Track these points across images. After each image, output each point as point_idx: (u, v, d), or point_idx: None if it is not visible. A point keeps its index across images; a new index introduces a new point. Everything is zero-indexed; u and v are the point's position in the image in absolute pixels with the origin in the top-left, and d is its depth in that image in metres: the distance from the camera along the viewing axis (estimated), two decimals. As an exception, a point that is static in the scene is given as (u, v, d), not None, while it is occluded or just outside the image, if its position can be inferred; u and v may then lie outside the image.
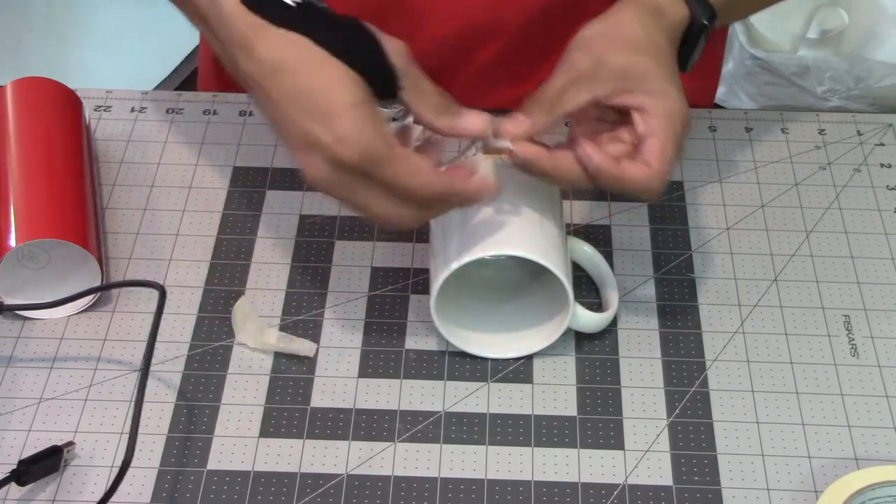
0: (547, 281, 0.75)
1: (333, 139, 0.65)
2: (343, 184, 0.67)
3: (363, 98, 0.66)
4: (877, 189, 0.90)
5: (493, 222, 0.74)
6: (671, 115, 0.71)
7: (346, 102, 0.65)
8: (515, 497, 0.71)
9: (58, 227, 0.79)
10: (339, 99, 0.65)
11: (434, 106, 0.69)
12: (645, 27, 0.73)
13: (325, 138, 0.65)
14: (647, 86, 0.71)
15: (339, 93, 0.65)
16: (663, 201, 0.89)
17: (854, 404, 0.76)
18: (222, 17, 0.68)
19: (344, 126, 0.64)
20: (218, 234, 0.86)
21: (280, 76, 0.66)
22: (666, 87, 0.72)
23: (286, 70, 0.66)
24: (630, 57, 0.72)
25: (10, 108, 0.87)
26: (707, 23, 0.76)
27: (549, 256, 0.74)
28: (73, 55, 1.92)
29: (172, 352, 0.78)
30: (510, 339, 0.78)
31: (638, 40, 0.73)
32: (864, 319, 0.81)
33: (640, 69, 0.72)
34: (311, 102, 0.65)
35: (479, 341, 0.78)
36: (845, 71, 1.79)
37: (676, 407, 0.76)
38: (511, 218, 0.74)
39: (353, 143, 0.64)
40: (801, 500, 0.71)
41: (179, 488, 0.71)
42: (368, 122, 0.65)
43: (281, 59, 0.66)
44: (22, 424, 0.74)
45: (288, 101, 0.66)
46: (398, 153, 0.66)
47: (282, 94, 0.66)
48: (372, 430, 0.74)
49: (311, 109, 0.65)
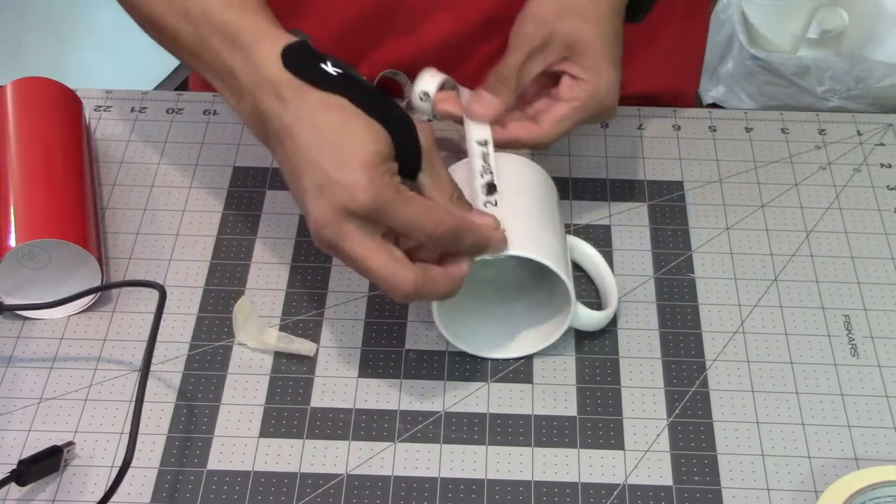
0: (548, 280, 0.75)
1: (348, 184, 0.66)
2: (348, 234, 0.67)
3: (385, 153, 0.67)
4: (877, 189, 0.90)
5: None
6: (596, 91, 0.78)
7: (368, 153, 0.67)
8: (515, 497, 0.71)
9: (58, 227, 0.79)
10: (363, 150, 0.67)
11: (447, 194, 0.71)
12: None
13: (341, 184, 0.66)
14: (587, 60, 0.78)
15: (364, 145, 0.67)
16: (663, 201, 0.89)
17: (854, 404, 0.76)
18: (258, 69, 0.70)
19: (360, 174, 0.66)
20: (218, 234, 0.86)
21: (313, 131, 0.68)
22: (602, 64, 0.78)
23: (320, 122, 0.68)
24: (578, 26, 0.78)
25: (10, 108, 0.87)
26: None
27: (549, 256, 0.74)
28: (73, 55, 1.92)
29: (172, 352, 0.78)
30: (511, 339, 0.78)
31: (585, 10, 0.78)
32: (864, 319, 0.81)
33: (584, 41, 0.78)
34: (337, 152, 0.67)
35: (480, 341, 0.78)
36: (845, 71, 1.79)
37: (676, 407, 0.76)
38: (511, 218, 0.74)
39: (366, 188, 0.66)
40: (801, 500, 0.71)
41: (179, 488, 0.71)
42: (385, 175, 0.67)
43: (317, 114, 0.68)
44: (22, 424, 0.74)
45: (316, 148, 0.67)
46: (409, 195, 0.68)
47: (312, 142, 0.68)
48: (372, 430, 0.74)
49: (334, 158, 0.67)
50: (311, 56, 0.70)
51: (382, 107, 0.69)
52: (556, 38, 0.78)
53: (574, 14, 0.78)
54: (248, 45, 0.71)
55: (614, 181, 0.90)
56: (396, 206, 0.67)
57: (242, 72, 0.71)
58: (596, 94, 0.79)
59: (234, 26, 0.72)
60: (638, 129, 0.94)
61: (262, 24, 0.72)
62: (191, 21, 0.74)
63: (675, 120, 0.95)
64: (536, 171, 0.80)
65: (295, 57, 0.70)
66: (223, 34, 0.72)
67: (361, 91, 0.69)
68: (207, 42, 0.73)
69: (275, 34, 0.71)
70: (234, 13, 0.72)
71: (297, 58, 0.70)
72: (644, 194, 0.89)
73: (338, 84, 0.69)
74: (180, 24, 0.75)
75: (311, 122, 0.68)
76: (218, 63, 0.73)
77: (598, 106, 0.80)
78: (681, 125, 0.95)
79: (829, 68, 1.80)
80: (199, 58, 0.75)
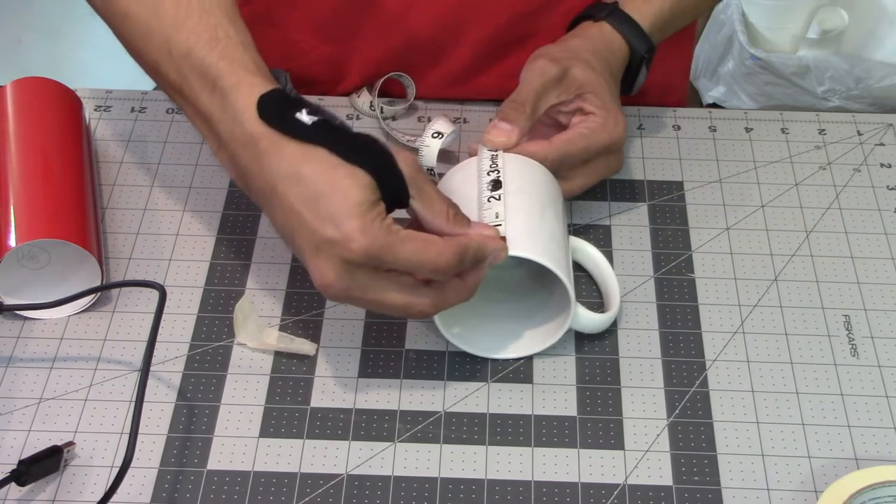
0: (549, 281, 0.75)
1: (341, 237, 0.66)
2: (356, 284, 0.68)
3: (372, 199, 0.67)
4: (877, 189, 0.90)
5: (495, 222, 0.74)
6: (605, 124, 0.82)
7: (354, 202, 0.67)
8: (515, 497, 0.71)
9: (58, 227, 0.79)
10: (348, 200, 0.67)
11: (443, 213, 0.71)
12: (596, 57, 0.85)
13: (335, 238, 0.67)
14: (598, 100, 0.82)
15: (349, 195, 0.67)
16: (663, 201, 0.89)
17: (854, 404, 0.76)
18: (235, 119, 0.70)
19: (351, 224, 0.66)
20: (218, 234, 0.86)
21: (296, 183, 0.68)
22: (611, 104, 0.83)
23: (302, 177, 0.68)
24: (589, 73, 0.83)
25: (10, 108, 0.87)
26: (645, 55, 0.87)
27: (549, 257, 0.74)
28: (73, 55, 1.92)
29: (172, 352, 0.78)
30: (511, 339, 0.78)
31: (592, 63, 0.84)
32: (864, 319, 0.81)
33: (595, 85, 0.83)
34: (324, 206, 0.67)
35: (480, 342, 0.78)
36: (845, 71, 1.79)
37: (676, 407, 0.76)
38: (513, 216, 0.74)
39: (359, 238, 0.66)
40: (801, 500, 0.71)
41: (179, 488, 0.71)
42: (376, 220, 0.67)
43: (297, 168, 0.68)
44: (22, 424, 0.74)
45: (303, 205, 0.68)
46: (404, 234, 0.68)
47: (299, 200, 0.68)
48: (372, 430, 0.74)
49: (323, 212, 0.67)
50: (286, 105, 0.70)
51: (360, 149, 0.69)
52: (570, 78, 0.82)
53: (581, 62, 0.83)
54: (226, 91, 0.71)
55: (614, 181, 0.90)
56: (393, 248, 0.67)
57: (220, 119, 0.71)
58: (605, 126, 0.82)
59: (214, 69, 0.71)
60: (638, 129, 0.94)
61: (240, 70, 0.71)
62: (173, 58, 0.73)
63: (675, 120, 0.95)
64: (543, 172, 0.80)
65: (270, 107, 0.69)
66: (204, 77, 0.72)
67: (338, 137, 0.69)
68: (188, 81, 0.73)
69: (251, 82, 0.70)
70: (216, 55, 0.72)
71: (272, 108, 0.69)
72: (644, 194, 0.89)
73: (314, 133, 0.68)
74: (162, 59, 0.74)
75: (294, 177, 0.68)
76: (198, 104, 0.73)
77: (607, 138, 0.82)
78: (681, 125, 0.95)
79: (829, 68, 1.80)
80: (180, 94, 0.74)
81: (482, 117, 0.95)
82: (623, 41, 0.87)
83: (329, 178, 0.67)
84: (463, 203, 0.75)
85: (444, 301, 0.71)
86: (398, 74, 0.94)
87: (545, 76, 0.82)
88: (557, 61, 0.83)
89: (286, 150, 0.68)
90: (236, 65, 0.71)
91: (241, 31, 0.73)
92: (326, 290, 0.69)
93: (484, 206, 0.75)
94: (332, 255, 0.67)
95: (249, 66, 0.72)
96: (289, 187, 0.68)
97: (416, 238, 0.68)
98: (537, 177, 0.79)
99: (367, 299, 0.70)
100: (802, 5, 1.85)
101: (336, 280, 0.68)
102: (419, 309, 0.71)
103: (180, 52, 0.73)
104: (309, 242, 0.68)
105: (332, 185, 0.67)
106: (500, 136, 0.80)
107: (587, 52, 0.84)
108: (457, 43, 0.96)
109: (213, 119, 0.72)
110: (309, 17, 0.95)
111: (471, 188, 0.77)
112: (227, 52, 0.72)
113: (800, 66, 1.81)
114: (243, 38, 0.73)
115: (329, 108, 0.71)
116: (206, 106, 0.72)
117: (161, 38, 0.74)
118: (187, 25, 0.73)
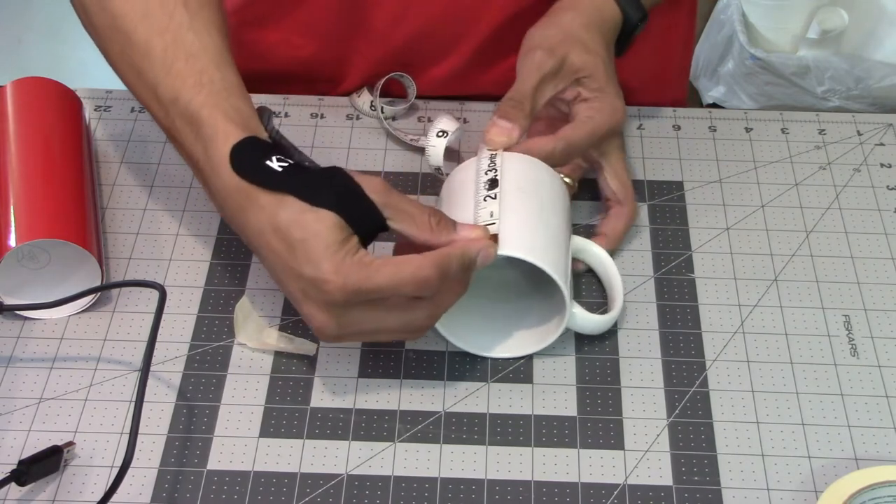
0: (547, 281, 0.75)
1: (320, 281, 0.68)
2: (347, 321, 0.70)
3: (341, 238, 0.69)
4: (877, 189, 0.90)
5: (489, 221, 0.74)
6: (604, 108, 0.82)
7: (324, 245, 0.68)
8: (515, 497, 0.71)
9: (58, 227, 0.79)
10: (319, 243, 0.68)
11: (425, 225, 0.72)
12: (590, 31, 0.83)
13: (315, 282, 0.68)
14: (595, 83, 0.82)
15: (319, 238, 0.68)
16: (663, 201, 0.89)
17: (854, 404, 0.76)
18: (214, 171, 0.72)
19: (325, 267, 0.68)
20: (218, 234, 0.86)
21: (276, 235, 0.70)
22: (608, 87, 0.82)
23: (279, 226, 0.69)
24: (585, 56, 0.82)
25: (10, 108, 0.87)
26: (639, 23, 0.87)
27: (544, 257, 0.73)
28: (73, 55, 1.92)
29: (172, 352, 0.78)
30: (510, 338, 0.78)
31: (587, 42, 0.83)
32: (864, 319, 0.81)
33: (591, 68, 0.82)
34: (301, 251, 0.69)
35: (479, 340, 0.78)
36: (845, 71, 1.79)
37: (676, 407, 0.76)
38: (509, 215, 0.74)
39: (334, 279, 0.68)
40: (801, 500, 0.71)
41: (179, 488, 0.71)
42: (346, 257, 0.68)
43: (273, 219, 0.70)
44: (22, 424, 0.74)
45: (285, 253, 0.69)
46: (377, 264, 0.69)
47: (280, 249, 0.70)
48: (372, 430, 0.74)
49: (301, 258, 0.69)
50: (256, 155, 0.71)
51: (326, 190, 0.70)
52: (566, 66, 0.82)
53: (577, 44, 0.82)
54: (207, 140, 0.72)
55: (614, 181, 0.90)
56: (370, 279, 0.68)
57: (204, 165, 0.73)
58: (604, 110, 0.82)
59: (197, 118, 0.72)
60: (638, 129, 0.94)
61: (219, 118, 0.72)
62: (161, 103, 0.74)
63: (675, 120, 0.95)
64: (545, 172, 0.79)
65: (242, 159, 0.71)
66: (188, 124, 0.73)
67: (305, 181, 0.70)
68: (175, 125, 0.74)
69: (227, 131, 0.71)
70: (197, 104, 0.73)
71: (244, 159, 0.71)
72: (644, 194, 0.89)
73: (285, 180, 0.70)
74: (151, 103, 0.76)
75: (272, 228, 0.69)
76: (185, 148, 0.74)
77: (608, 123, 0.82)
78: (681, 125, 0.95)
79: (829, 68, 1.80)
80: (171, 137, 0.76)
81: (483, 117, 0.95)
82: (616, 7, 0.86)
83: (300, 225, 0.69)
84: (462, 203, 0.75)
85: (438, 308, 0.72)
86: (399, 75, 0.94)
87: (542, 70, 0.81)
88: (553, 52, 0.82)
89: (261, 202, 0.70)
90: (217, 111, 0.72)
91: (226, 77, 0.74)
92: (321, 334, 0.71)
93: (479, 206, 0.75)
94: (317, 299, 0.69)
95: (230, 112, 0.72)
96: (270, 238, 0.70)
97: (390, 262, 0.69)
98: (538, 176, 0.79)
99: (363, 332, 0.71)
100: (802, 5, 1.85)
101: (326, 322, 0.69)
102: (417, 324, 0.71)
103: (168, 97, 0.74)
104: (296, 288, 0.70)
105: (304, 231, 0.69)
106: (502, 135, 0.79)
107: (581, 28, 0.83)
108: (456, 42, 0.96)
109: (200, 165, 0.73)
110: (309, 18, 0.95)
111: (469, 188, 0.77)
112: (208, 99, 0.73)
113: (800, 66, 1.81)
114: (227, 84, 0.74)
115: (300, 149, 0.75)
116: (192, 150, 0.74)
117: (150, 82, 0.75)
118: (174, 70, 0.74)
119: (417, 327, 0.72)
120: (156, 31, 0.75)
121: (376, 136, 0.93)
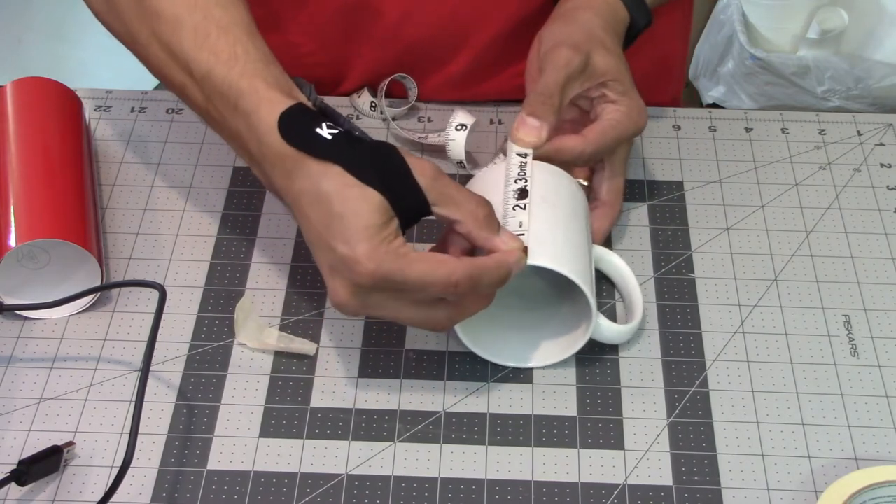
0: (570, 292, 0.74)
1: (351, 261, 0.67)
2: (370, 303, 0.69)
3: (382, 220, 0.68)
4: (877, 189, 0.90)
5: (519, 231, 0.73)
6: (629, 112, 0.81)
7: (363, 225, 0.67)
8: (515, 497, 0.71)
9: (58, 227, 0.79)
10: (359, 222, 0.67)
11: (471, 215, 0.70)
12: (608, 32, 0.83)
13: (345, 260, 0.67)
14: (620, 86, 0.81)
15: (359, 217, 0.67)
16: (663, 201, 0.89)
17: (854, 404, 0.76)
18: (261, 139, 0.71)
19: (360, 248, 0.67)
20: (218, 234, 0.86)
21: (317, 204, 0.69)
22: (631, 90, 0.82)
23: (321, 196, 0.68)
24: (608, 59, 0.81)
25: (10, 108, 0.87)
26: (643, 28, 0.87)
27: (572, 267, 0.73)
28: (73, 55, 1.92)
29: (172, 352, 0.78)
30: (533, 348, 0.77)
31: (607, 43, 0.82)
32: (864, 319, 0.81)
33: (615, 71, 0.81)
34: (337, 227, 0.68)
35: (502, 350, 0.77)
36: (845, 71, 1.79)
37: (676, 407, 0.76)
38: (538, 226, 0.74)
39: (366, 263, 0.67)
40: (801, 500, 0.71)
41: (179, 488, 0.71)
42: (383, 243, 0.67)
43: (316, 187, 0.68)
44: (22, 424, 0.74)
45: (321, 225, 0.68)
46: (413, 257, 0.68)
47: (318, 219, 0.69)
48: (372, 430, 0.74)
49: (336, 234, 0.68)
50: (306, 122, 0.70)
51: (375, 166, 0.69)
52: (592, 66, 0.81)
53: (599, 45, 0.82)
54: (248, 111, 0.71)
55: (614, 181, 0.90)
56: (402, 271, 0.67)
57: (248, 139, 0.72)
58: (630, 115, 0.81)
59: (235, 90, 0.72)
60: (638, 129, 0.94)
61: (260, 86, 0.71)
62: (195, 80, 0.74)
63: (674, 120, 0.95)
64: (568, 182, 0.79)
65: (291, 126, 0.70)
66: (225, 98, 0.72)
67: (355, 152, 0.69)
68: (212, 102, 0.73)
69: (271, 98, 0.71)
70: (235, 75, 0.72)
71: (292, 126, 0.70)
72: (644, 194, 0.89)
73: (332, 149, 0.69)
74: (186, 82, 0.75)
75: (314, 196, 0.69)
76: (225, 125, 0.74)
77: (633, 126, 0.82)
78: (681, 125, 0.95)
79: (829, 68, 1.80)
80: (208, 115, 0.75)
81: (484, 117, 0.95)
82: (626, 10, 0.86)
83: (342, 199, 0.68)
84: None
85: (460, 314, 0.71)
86: (401, 76, 0.94)
87: (569, 67, 0.80)
88: (579, 49, 0.80)
89: (308, 169, 0.69)
90: (257, 80, 0.71)
91: (259, 48, 0.74)
92: (341, 309, 0.70)
93: (509, 215, 0.74)
94: (344, 278, 0.68)
95: (270, 80, 0.72)
96: (309, 206, 0.69)
97: (424, 259, 0.68)
98: (563, 187, 0.78)
99: (382, 316, 0.71)
100: (802, 5, 1.84)
101: (349, 300, 0.69)
102: (436, 322, 0.71)
103: (201, 73, 0.73)
104: (326, 261, 0.69)
105: (344, 205, 0.68)
106: (532, 134, 0.78)
107: (601, 30, 0.83)
108: (458, 48, 0.96)
109: (242, 137, 0.72)
110: (311, 21, 0.95)
111: (497, 194, 0.76)
112: (246, 69, 0.72)
113: (800, 66, 1.81)
114: (263, 54, 0.73)
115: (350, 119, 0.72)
116: (232, 125, 0.73)
117: (183, 60, 0.74)
118: (206, 45, 0.73)
119: (436, 325, 0.71)
120: (185, 7, 0.74)
121: (377, 135, 0.93)
